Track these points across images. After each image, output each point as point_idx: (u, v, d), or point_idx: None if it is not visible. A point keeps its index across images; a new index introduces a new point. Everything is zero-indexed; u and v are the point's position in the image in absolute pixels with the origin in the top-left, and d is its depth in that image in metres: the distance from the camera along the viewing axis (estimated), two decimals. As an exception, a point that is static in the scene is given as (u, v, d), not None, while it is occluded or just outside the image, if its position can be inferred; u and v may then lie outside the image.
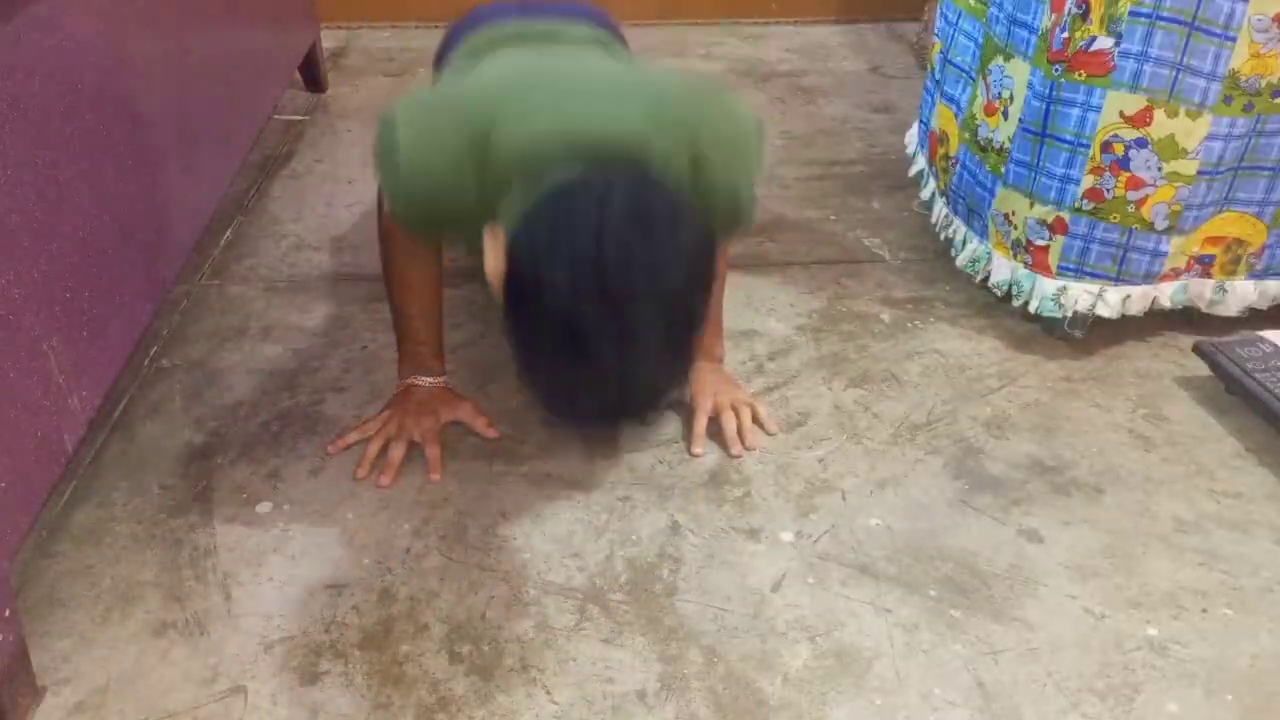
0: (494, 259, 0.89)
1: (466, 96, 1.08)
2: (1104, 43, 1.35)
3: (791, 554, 1.20)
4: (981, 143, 1.57)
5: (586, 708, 1.02)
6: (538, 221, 0.83)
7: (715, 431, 1.35)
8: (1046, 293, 1.52)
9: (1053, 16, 1.40)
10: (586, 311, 0.80)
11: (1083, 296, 1.50)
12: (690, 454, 1.32)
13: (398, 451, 1.28)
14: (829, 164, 2.11)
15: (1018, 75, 1.48)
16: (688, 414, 1.37)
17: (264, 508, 1.24)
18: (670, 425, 1.38)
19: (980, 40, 1.58)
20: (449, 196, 1.04)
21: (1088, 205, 1.45)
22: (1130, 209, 1.43)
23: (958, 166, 1.66)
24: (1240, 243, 1.50)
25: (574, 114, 0.99)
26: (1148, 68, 1.34)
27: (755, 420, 1.36)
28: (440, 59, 1.51)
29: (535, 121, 0.98)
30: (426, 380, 1.33)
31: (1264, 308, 1.56)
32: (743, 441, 1.33)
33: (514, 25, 1.36)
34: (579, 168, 0.88)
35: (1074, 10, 1.36)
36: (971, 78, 1.61)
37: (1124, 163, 1.41)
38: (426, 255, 1.28)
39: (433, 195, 1.05)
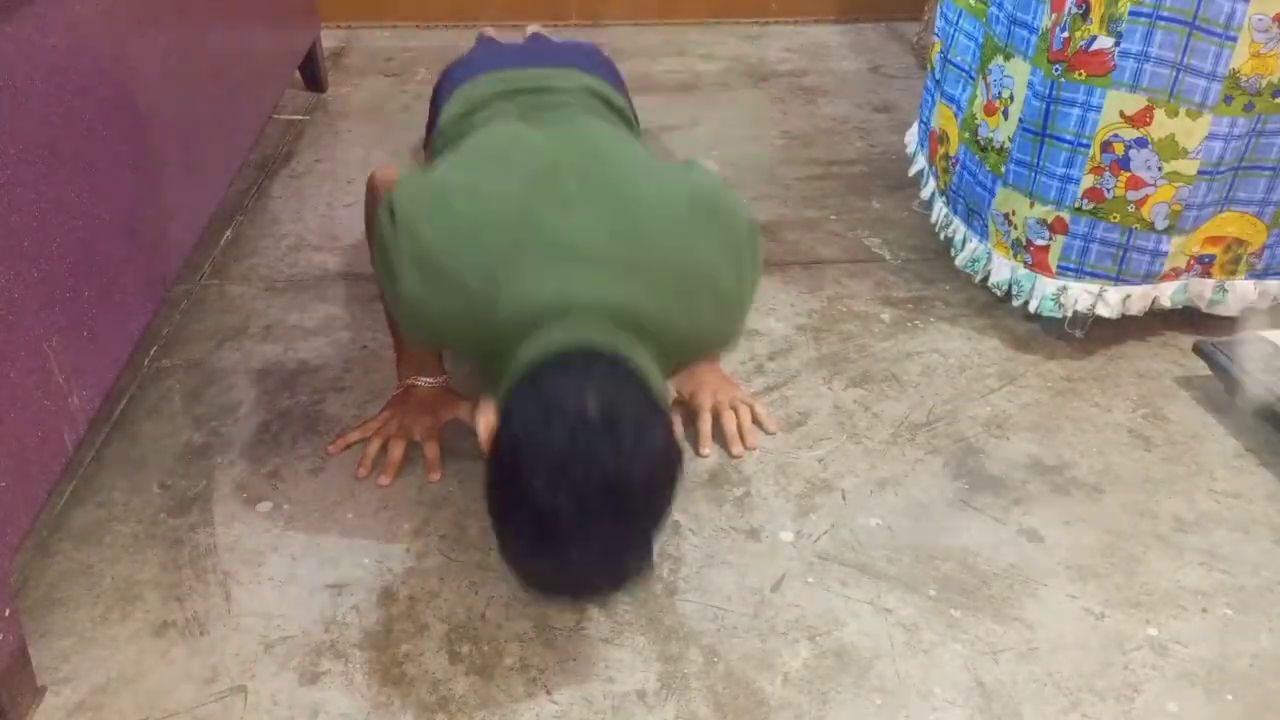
0: (485, 429, 0.94)
1: (465, 258, 1.03)
2: (1104, 42, 1.35)
3: (791, 554, 1.20)
4: (981, 142, 1.57)
5: (586, 707, 1.02)
6: (517, 422, 0.90)
7: (716, 430, 1.35)
8: (1047, 292, 1.52)
9: (1053, 16, 1.40)
10: (556, 512, 0.86)
11: (1083, 296, 1.50)
12: (698, 454, 1.32)
13: (397, 450, 1.29)
14: (829, 164, 2.11)
15: (1018, 75, 1.48)
16: (688, 414, 1.37)
17: (264, 507, 1.24)
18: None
19: (980, 40, 1.58)
20: (450, 333, 1.09)
21: (1088, 205, 1.45)
22: (1130, 209, 1.43)
23: (958, 166, 1.66)
24: (1240, 242, 1.50)
25: (567, 281, 1.00)
26: (1148, 67, 1.34)
27: (755, 420, 1.37)
28: (437, 100, 1.53)
29: (530, 291, 0.99)
30: (426, 380, 1.33)
31: (1264, 307, 1.55)
32: (744, 441, 1.34)
33: (508, 75, 1.41)
34: (562, 363, 0.94)
35: (1074, 10, 1.36)
36: (971, 77, 1.61)
37: (1124, 162, 1.41)
38: None
39: (435, 331, 1.10)
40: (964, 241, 1.66)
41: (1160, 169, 1.40)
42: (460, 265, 1.01)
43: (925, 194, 1.83)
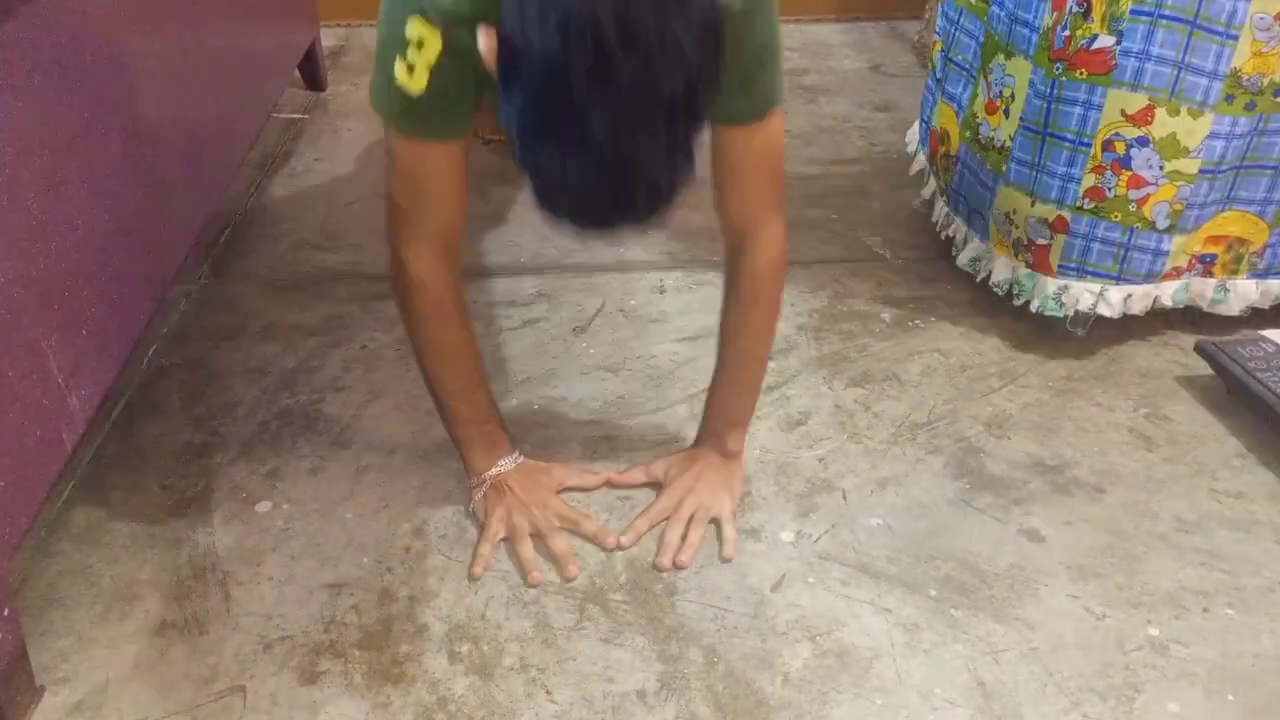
0: (487, 47, 0.84)
1: None
2: (1105, 41, 1.35)
3: (792, 554, 1.19)
4: (983, 141, 1.57)
5: (586, 708, 1.02)
6: (513, 5, 0.78)
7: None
8: (1048, 292, 1.52)
9: (1054, 15, 1.40)
10: (578, 81, 0.75)
11: (1084, 296, 1.50)
12: (655, 566, 1.17)
13: (527, 550, 1.17)
14: (830, 163, 2.11)
15: (1019, 74, 1.48)
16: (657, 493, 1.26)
17: (263, 507, 1.24)
18: (669, 424, 1.38)
19: (981, 38, 1.58)
20: None
21: (1089, 204, 1.45)
22: (1132, 208, 1.43)
23: (959, 165, 1.65)
24: (1242, 242, 1.49)
25: None
26: (1149, 66, 1.34)
27: (720, 537, 1.20)
28: None
29: None
30: (504, 463, 1.22)
31: (1266, 307, 1.55)
32: (676, 560, 1.17)
33: None
34: None
35: (1075, 8, 1.36)
36: (973, 76, 1.60)
37: (1125, 161, 1.40)
38: (453, 298, 1.15)
39: None
40: (965, 241, 1.66)
41: (1162, 168, 1.39)
42: None
43: (926, 193, 1.83)
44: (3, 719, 0.96)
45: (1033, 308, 1.54)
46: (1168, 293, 1.52)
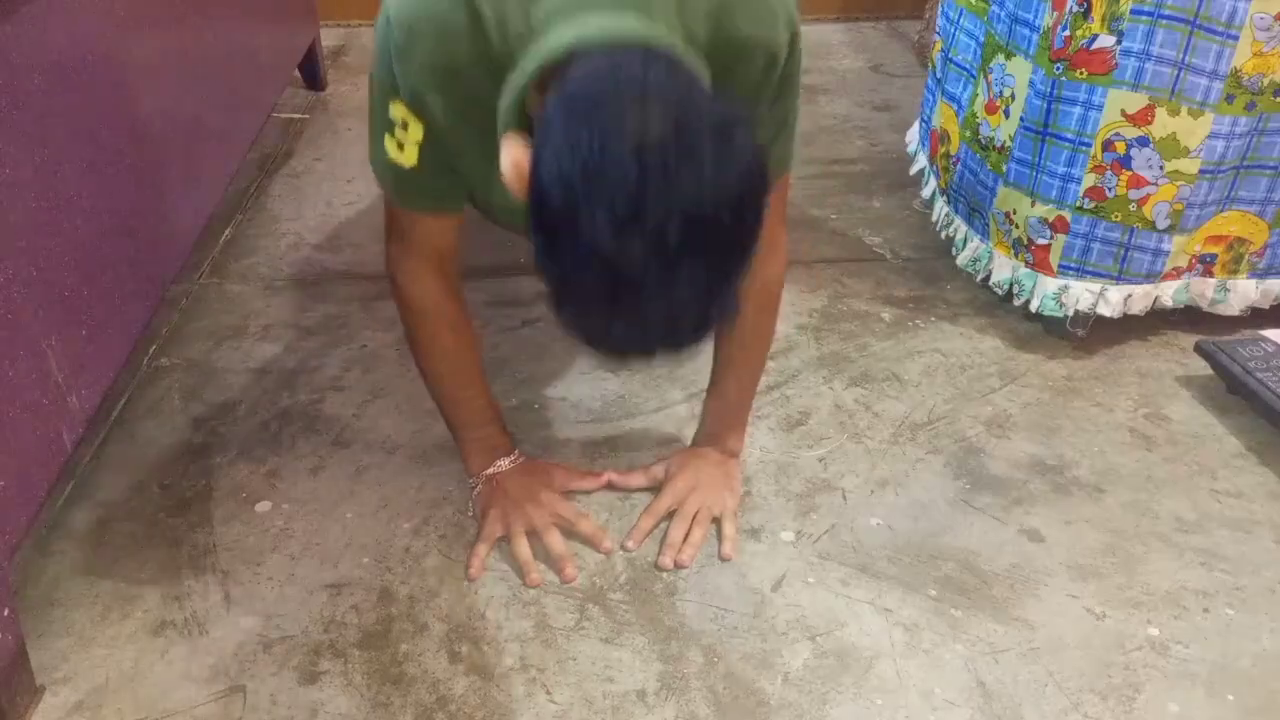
0: (512, 167, 0.78)
1: None
2: (1105, 41, 1.35)
3: (792, 554, 1.19)
4: (983, 141, 1.57)
5: (586, 708, 1.02)
6: (566, 146, 0.71)
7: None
8: (1048, 292, 1.52)
9: (1054, 14, 1.40)
10: (631, 262, 0.70)
11: (1084, 295, 1.50)
12: (656, 566, 1.17)
13: (523, 549, 1.16)
14: (830, 162, 2.11)
15: (1019, 73, 1.48)
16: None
17: (263, 507, 1.24)
18: (669, 424, 1.38)
19: (981, 38, 1.58)
20: (455, 52, 0.89)
21: (1089, 204, 1.45)
22: (1132, 208, 1.43)
23: (959, 165, 1.65)
24: (1242, 241, 1.49)
25: None
26: (1149, 66, 1.34)
27: (720, 535, 1.20)
28: None
29: None
30: (503, 462, 1.21)
31: (1266, 307, 1.55)
32: (679, 557, 1.17)
33: None
34: (598, 62, 0.76)
35: (1075, 8, 1.36)
36: (973, 76, 1.60)
37: (1125, 161, 1.40)
38: (451, 309, 1.14)
39: (437, 54, 0.90)
40: (965, 240, 1.66)
41: (1162, 168, 1.39)
42: None
43: (926, 193, 1.83)
44: (3, 719, 0.96)
45: (1033, 308, 1.54)
46: (1168, 293, 1.52)
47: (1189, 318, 1.58)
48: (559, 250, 0.73)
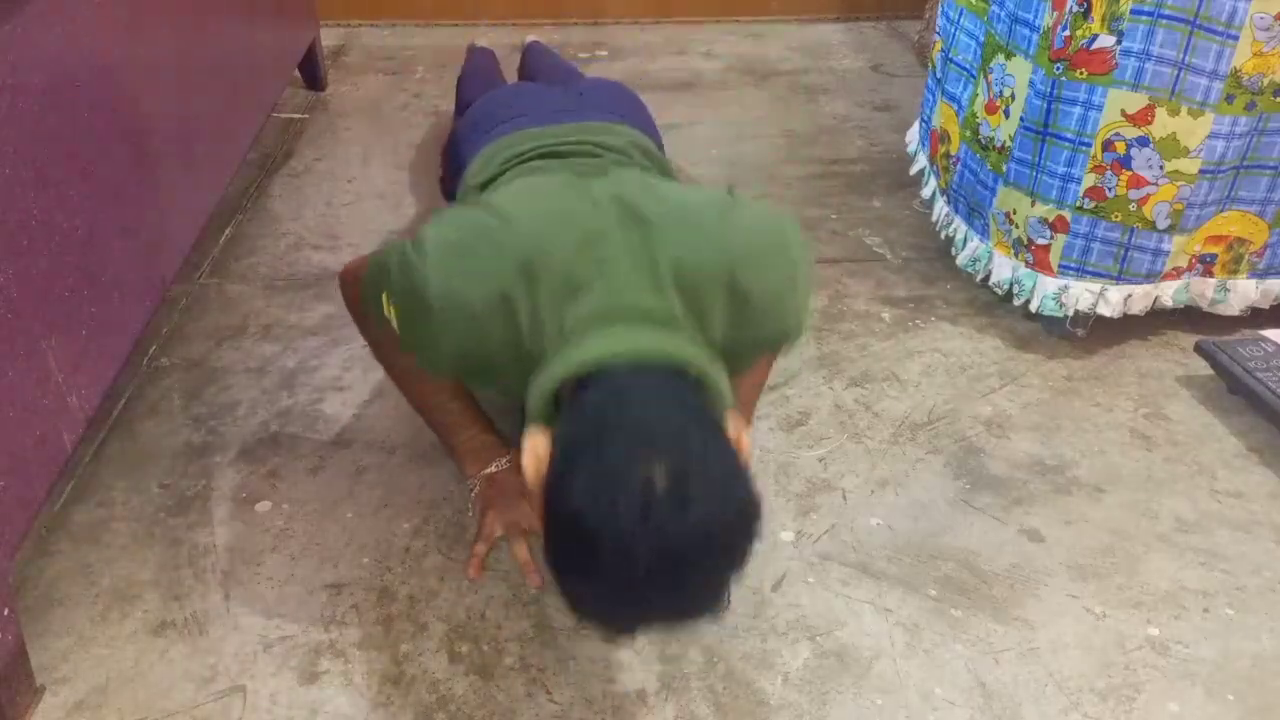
0: (532, 459, 0.85)
1: (501, 223, 0.96)
2: (1105, 41, 1.35)
3: (792, 554, 1.19)
4: (983, 141, 1.57)
5: (586, 707, 1.01)
6: (577, 491, 0.79)
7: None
8: (1048, 292, 1.52)
9: (1054, 14, 1.40)
10: (632, 580, 0.78)
11: (1084, 295, 1.50)
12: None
13: (522, 550, 1.17)
14: (830, 162, 2.11)
15: (1019, 73, 1.48)
16: None
17: (263, 507, 1.24)
18: (670, 424, 1.38)
19: (981, 38, 1.58)
20: (487, 336, 0.93)
21: (1089, 204, 1.45)
22: (1132, 208, 1.43)
23: (959, 165, 1.65)
24: (1242, 241, 1.49)
25: (618, 286, 0.92)
26: (1149, 66, 1.34)
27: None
28: (459, 145, 1.40)
29: (579, 280, 0.92)
30: (497, 464, 1.20)
31: (1266, 307, 1.55)
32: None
33: (548, 134, 1.27)
34: (618, 392, 0.85)
35: (1075, 8, 1.36)
36: (973, 76, 1.60)
37: (1125, 161, 1.40)
38: None
39: (468, 335, 0.94)
40: (965, 240, 1.66)
41: (1162, 168, 1.39)
42: (496, 230, 0.94)
43: (926, 193, 1.83)
44: (3, 719, 0.96)
45: (1033, 308, 1.54)
46: (1168, 293, 1.52)
47: (1189, 318, 1.58)
48: (568, 564, 0.82)
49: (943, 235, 1.74)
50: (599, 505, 0.78)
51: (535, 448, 0.86)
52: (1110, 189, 1.43)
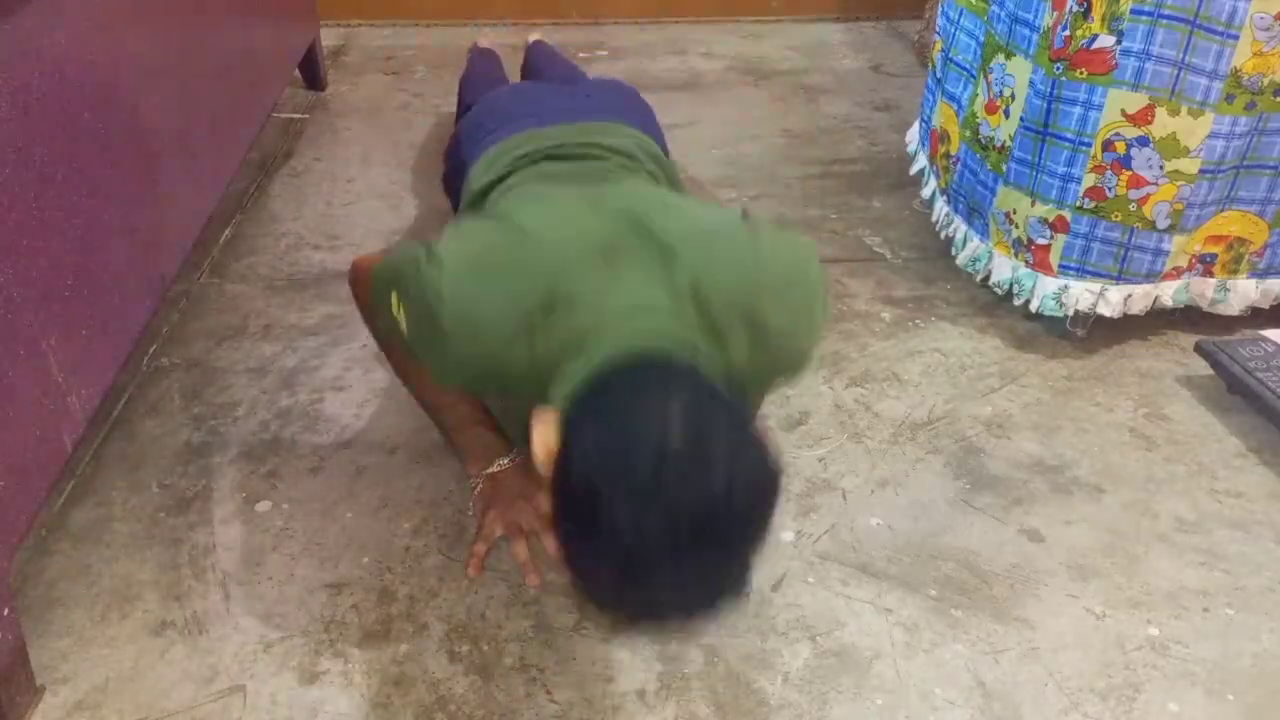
0: (542, 446, 0.83)
1: (520, 240, 0.96)
2: (1105, 41, 1.35)
3: (792, 554, 1.19)
4: (983, 141, 1.57)
5: (586, 707, 1.02)
6: (590, 454, 0.78)
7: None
8: (1048, 291, 1.52)
9: (1054, 14, 1.40)
10: (646, 553, 0.76)
11: (1084, 295, 1.50)
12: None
13: (522, 550, 1.16)
14: (830, 162, 2.11)
15: (1019, 73, 1.48)
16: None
17: (263, 506, 1.24)
18: (670, 424, 1.38)
19: (981, 38, 1.58)
20: (501, 357, 0.93)
21: (1089, 204, 1.45)
22: (1132, 207, 1.43)
23: (959, 165, 1.65)
24: (1242, 241, 1.49)
25: (628, 303, 0.91)
26: (1149, 66, 1.34)
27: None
28: (461, 149, 1.40)
29: (596, 295, 0.91)
30: (501, 463, 1.21)
31: (1266, 307, 1.55)
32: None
33: (553, 135, 1.27)
34: (631, 375, 0.83)
35: (1075, 8, 1.36)
36: (973, 76, 1.60)
37: (1125, 161, 1.40)
38: None
39: (482, 355, 0.93)
40: (965, 240, 1.66)
41: (1162, 168, 1.39)
42: (515, 251, 0.94)
43: (926, 193, 1.83)
44: (3, 719, 0.96)
45: (1033, 307, 1.54)
46: (1168, 293, 1.52)
47: (1189, 318, 1.58)
48: (580, 537, 0.79)
49: (943, 235, 1.74)
50: (610, 467, 0.75)
51: (545, 437, 0.83)
52: (1110, 189, 1.43)
